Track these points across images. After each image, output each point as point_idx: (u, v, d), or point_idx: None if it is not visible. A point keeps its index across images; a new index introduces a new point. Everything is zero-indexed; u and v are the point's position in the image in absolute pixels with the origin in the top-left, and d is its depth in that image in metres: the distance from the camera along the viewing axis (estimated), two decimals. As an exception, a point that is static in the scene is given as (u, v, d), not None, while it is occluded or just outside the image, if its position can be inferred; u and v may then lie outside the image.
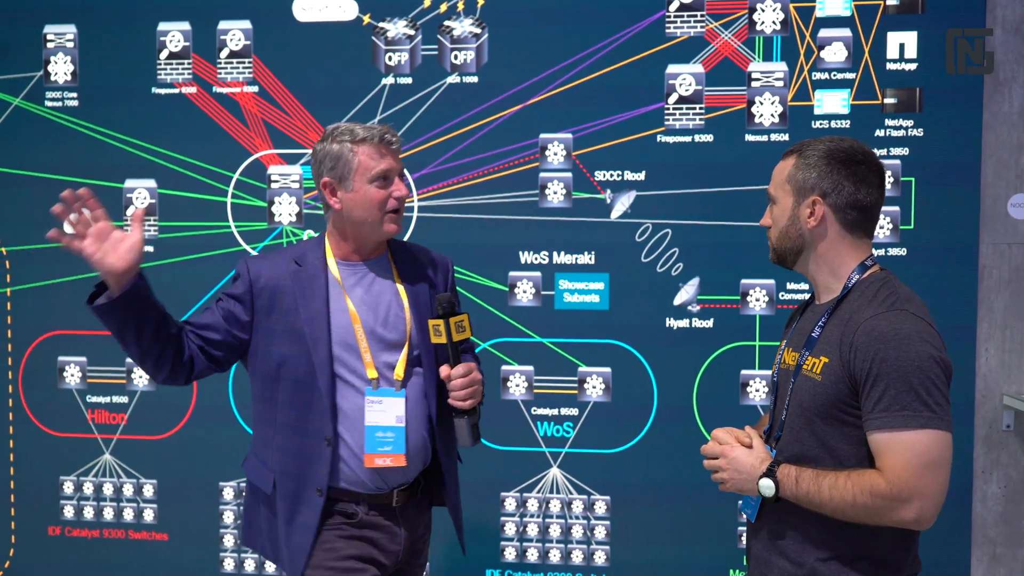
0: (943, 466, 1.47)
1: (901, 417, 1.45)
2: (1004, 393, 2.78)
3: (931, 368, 1.46)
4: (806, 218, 1.61)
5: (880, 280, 1.59)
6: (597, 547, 2.92)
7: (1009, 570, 2.82)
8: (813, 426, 1.58)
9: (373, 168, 1.90)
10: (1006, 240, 2.77)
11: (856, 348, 1.50)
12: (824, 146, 1.62)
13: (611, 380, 2.89)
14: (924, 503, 1.46)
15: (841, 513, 1.51)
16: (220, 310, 1.96)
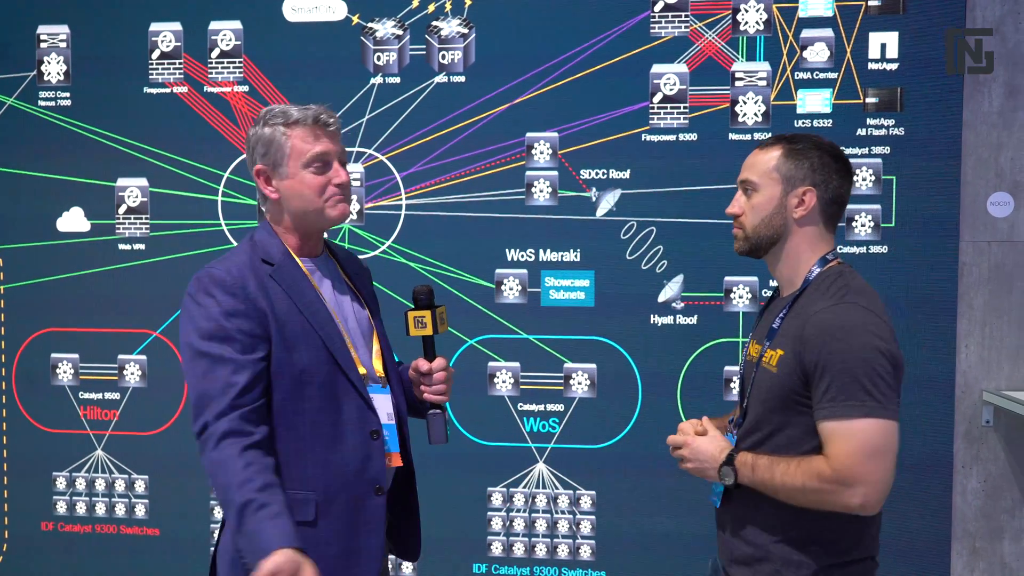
0: (887, 454, 1.51)
1: (846, 407, 1.49)
2: (984, 389, 2.82)
3: (876, 359, 1.50)
4: (794, 207, 1.64)
5: (836, 274, 1.63)
6: (583, 541, 2.96)
7: (988, 564, 2.85)
8: (772, 416, 1.62)
9: (307, 151, 1.72)
10: (986, 238, 2.80)
11: (806, 340, 1.55)
12: (811, 140, 1.67)
13: (596, 376, 2.92)
14: (868, 489, 1.50)
15: (793, 498, 1.56)
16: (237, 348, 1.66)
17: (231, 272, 1.68)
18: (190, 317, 1.68)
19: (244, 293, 1.67)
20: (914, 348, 2.77)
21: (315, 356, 1.72)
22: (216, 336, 1.65)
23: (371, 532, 1.76)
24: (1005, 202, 2.79)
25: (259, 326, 1.67)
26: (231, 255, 1.76)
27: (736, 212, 1.72)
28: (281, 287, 1.71)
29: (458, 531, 2.98)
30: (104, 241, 3.07)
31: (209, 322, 1.65)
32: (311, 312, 1.73)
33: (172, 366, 3.04)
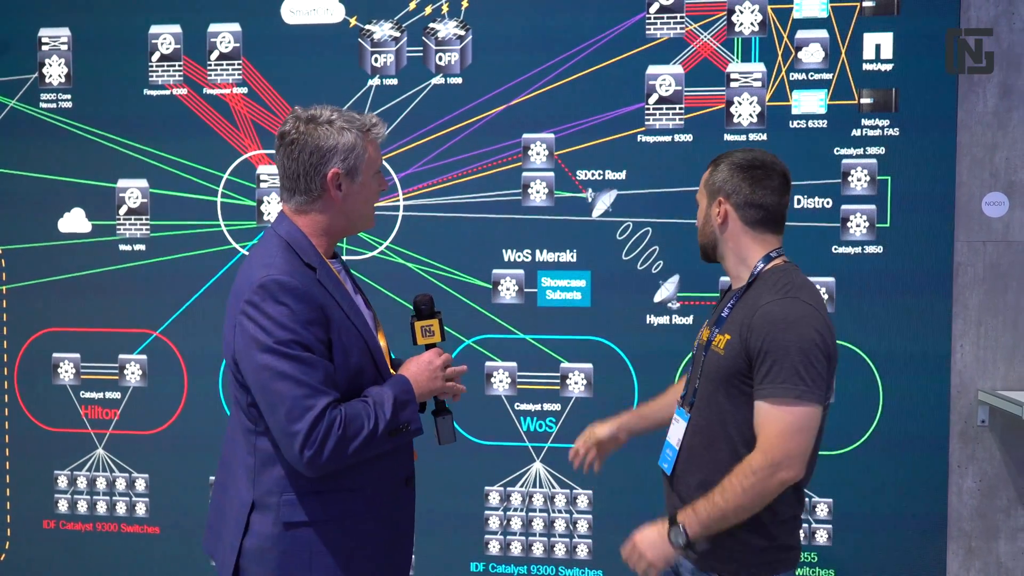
0: (808, 432, 1.70)
1: (782, 388, 1.68)
2: (979, 389, 2.82)
3: (811, 350, 1.69)
4: (715, 216, 1.87)
5: (781, 271, 1.82)
6: (579, 540, 2.97)
7: (984, 563, 2.85)
8: (717, 394, 1.81)
9: (378, 162, 1.81)
10: (980, 238, 2.81)
11: (752, 328, 1.73)
12: (732, 156, 1.88)
13: (593, 376, 2.94)
14: (795, 461, 1.68)
15: (741, 507, 1.69)
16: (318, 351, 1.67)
17: (295, 278, 1.67)
18: (261, 327, 1.64)
19: (313, 301, 1.67)
20: (909, 348, 2.80)
21: (362, 358, 1.75)
22: (295, 342, 1.63)
23: (407, 520, 1.86)
24: (1000, 202, 2.80)
25: (326, 332, 1.68)
26: (275, 258, 1.70)
27: (697, 224, 1.98)
28: (328, 292, 1.72)
29: (455, 530, 3.00)
30: (105, 242, 3.10)
31: (285, 331, 1.63)
32: (353, 315, 1.75)
33: (173, 366, 3.08)
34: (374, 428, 1.67)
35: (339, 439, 1.62)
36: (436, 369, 1.81)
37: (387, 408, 1.69)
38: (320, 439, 1.61)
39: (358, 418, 1.65)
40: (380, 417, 1.67)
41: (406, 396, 1.73)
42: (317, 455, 1.61)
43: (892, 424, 2.82)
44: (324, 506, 1.71)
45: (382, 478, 1.78)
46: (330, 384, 1.66)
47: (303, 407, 1.61)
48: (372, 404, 1.69)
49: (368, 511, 1.75)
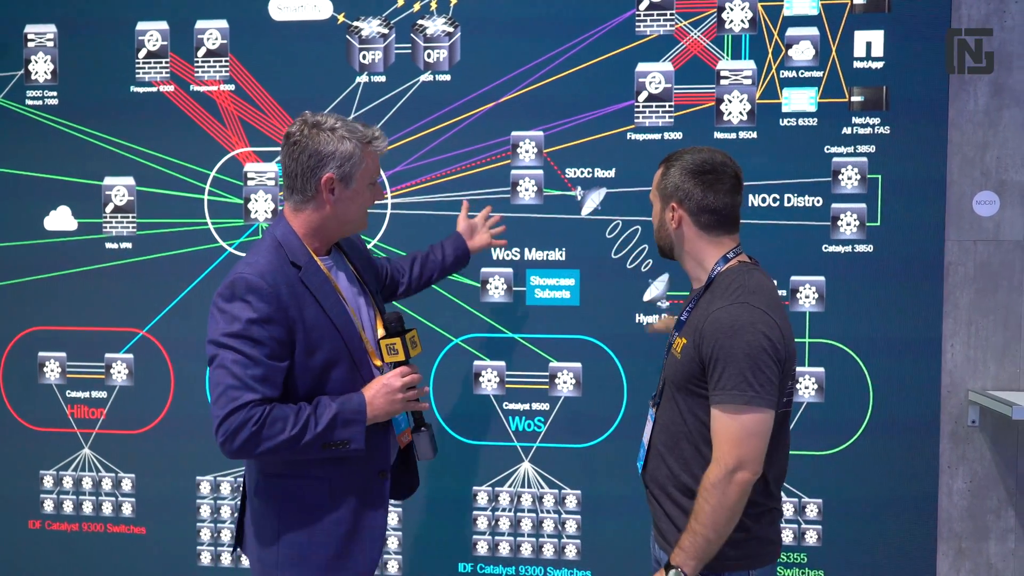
0: (760, 436, 1.71)
1: (731, 395, 1.69)
2: (969, 389, 2.81)
3: (759, 355, 1.69)
4: (669, 221, 1.87)
5: (735, 272, 1.81)
6: (568, 541, 2.95)
7: (975, 564, 2.84)
8: (676, 396, 1.83)
9: (375, 173, 1.94)
10: (971, 237, 2.79)
11: (704, 335, 1.74)
12: (682, 158, 1.86)
13: (582, 375, 2.92)
14: (748, 463, 1.69)
15: (719, 525, 1.70)
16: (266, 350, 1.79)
17: (265, 278, 1.80)
18: (219, 319, 1.79)
19: (278, 301, 1.80)
20: (900, 348, 2.78)
21: (335, 355, 1.87)
22: (246, 337, 1.77)
23: (377, 514, 1.94)
24: (991, 201, 2.79)
25: (287, 332, 1.81)
26: (259, 257, 1.85)
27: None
28: (309, 290, 1.85)
29: (443, 530, 2.98)
30: (91, 240, 3.08)
31: (237, 325, 1.77)
32: (335, 313, 1.88)
33: (159, 365, 3.06)
34: (295, 436, 1.77)
35: (251, 435, 1.75)
36: (394, 391, 1.89)
37: (321, 422, 1.80)
38: (233, 430, 1.75)
39: (279, 422, 1.77)
40: (309, 428, 1.79)
41: (353, 416, 1.83)
42: (228, 442, 1.76)
43: (882, 424, 2.81)
44: (290, 489, 1.89)
45: (351, 471, 1.89)
46: (267, 382, 1.78)
47: (228, 397, 1.75)
48: (306, 414, 1.80)
49: (331, 499, 1.88)
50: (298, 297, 1.83)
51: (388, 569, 3.02)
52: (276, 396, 1.80)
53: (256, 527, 1.93)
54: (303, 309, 1.83)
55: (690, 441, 1.80)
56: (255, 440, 1.75)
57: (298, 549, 1.89)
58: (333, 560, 1.89)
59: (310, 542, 1.89)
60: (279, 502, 1.90)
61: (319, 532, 1.89)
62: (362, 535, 1.92)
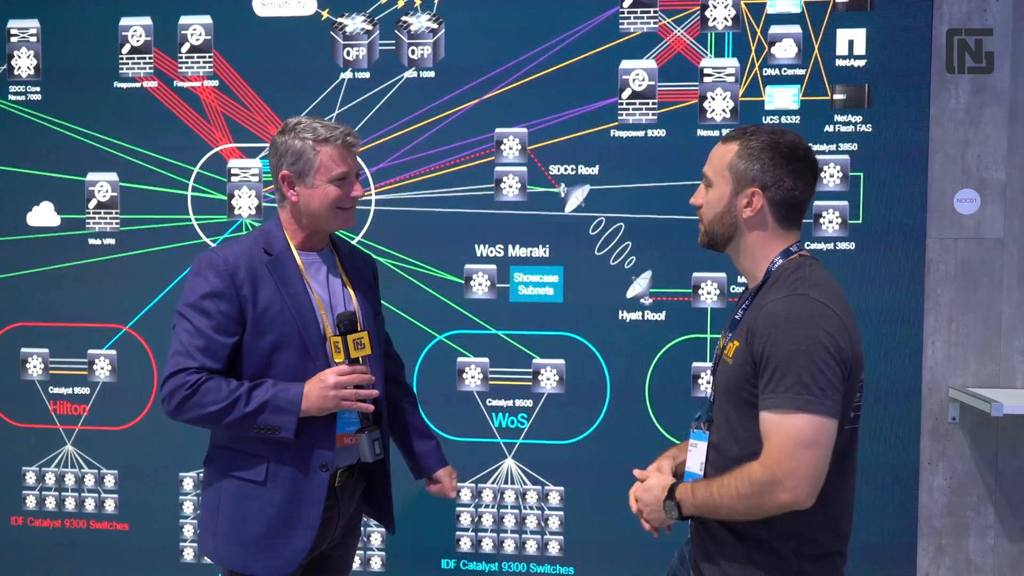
0: (817, 448, 1.49)
1: (784, 398, 1.49)
2: (950, 386, 2.83)
3: (818, 352, 1.49)
4: (742, 207, 1.64)
5: (796, 266, 1.63)
6: (551, 537, 2.96)
7: (954, 560, 2.86)
8: (727, 408, 1.64)
9: (334, 170, 1.98)
10: (952, 235, 2.81)
11: (755, 331, 1.56)
12: (768, 138, 1.64)
13: (565, 372, 2.93)
14: (798, 483, 1.49)
15: (734, 510, 1.57)
16: (212, 323, 1.92)
17: (226, 258, 1.96)
18: (184, 291, 1.98)
19: (232, 279, 1.94)
20: (880, 346, 2.80)
21: (284, 340, 1.96)
22: (199, 308, 1.93)
23: (312, 504, 1.98)
24: (972, 199, 2.81)
25: (237, 310, 1.94)
26: (237, 241, 2.05)
27: (696, 203, 1.74)
28: (272, 276, 1.97)
29: (426, 527, 2.99)
30: (74, 236, 3.08)
31: (193, 296, 1.95)
32: (293, 301, 1.97)
33: (142, 361, 3.06)
34: (223, 409, 1.89)
35: (183, 398, 1.89)
36: (327, 388, 1.93)
37: (252, 404, 1.90)
38: (171, 391, 1.91)
39: (212, 393, 1.89)
40: (238, 406, 1.89)
41: (286, 405, 1.91)
42: (165, 402, 1.93)
43: (864, 421, 2.79)
44: (232, 461, 2.00)
45: (290, 457, 1.96)
46: (208, 353, 1.92)
47: (173, 361, 1.92)
48: (240, 392, 1.90)
49: (267, 480, 1.97)
50: (257, 279, 1.96)
51: (371, 566, 3.02)
52: (218, 368, 1.93)
53: (204, 494, 2.07)
54: (258, 291, 1.95)
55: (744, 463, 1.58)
56: (187, 404, 1.90)
57: (231, 521, 1.99)
58: (262, 540, 1.97)
59: (243, 517, 1.98)
60: (221, 473, 2.02)
61: (252, 509, 1.98)
62: (293, 523, 1.97)
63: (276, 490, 1.97)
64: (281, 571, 1.98)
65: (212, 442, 2.07)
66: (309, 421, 1.96)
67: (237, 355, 1.97)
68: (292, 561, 1.98)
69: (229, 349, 1.95)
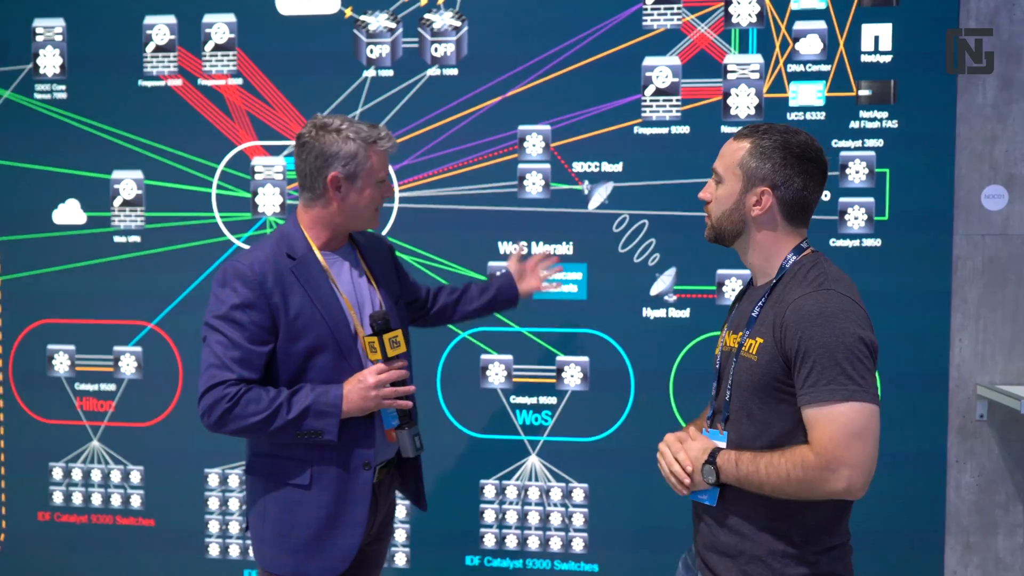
0: (869, 436, 1.52)
1: (828, 391, 1.51)
2: (977, 383, 2.82)
3: (855, 345, 1.52)
4: (751, 205, 1.66)
5: (811, 262, 1.65)
6: (575, 534, 2.97)
7: (982, 559, 2.85)
8: (751, 405, 1.64)
9: (380, 173, 2.01)
10: (980, 231, 2.80)
11: (786, 327, 1.56)
12: (780, 137, 1.65)
13: (589, 369, 2.94)
14: (852, 472, 1.51)
15: (779, 490, 1.56)
16: (246, 333, 1.92)
17: (253, 267, 1.94)
18: (212, 303, 1.96)
19: (261, 288, 1.93)
20: (908, 342, 2.79)
21: (319, 343, 1.97)
22: (230, 320, 1.91)
23: (357, 502, 2.00)
24: (999, 195, 2.79)
25: (269, 319, 1.93)
26: (258, 247, 2.01)
27: (704, 198, 1.76)
28: (299, 281, 1.96)
29: (451, 523, 3.01)
30: (100, 233, 3.11)
31: (223, 307, 1.93)
32: (323, 304, 1.97)
33: (168, 358, 3.09)
34: (267, 419, 1.88)
35: (225, 411, 1.88)
36: (368, 388, 1.94)
37: (294, 410, 1.90)
38: (210, 405, 1.89)
39: (253, 404, 1.89)
40: (280, 414, 1.89)
41: (327, 408, 1.92)
42: (205, 416, 1.91)
43: (891, 419, 2.76)
44: (275, 468, 2.00)
45: (333, 457, 1.98)
46: (245, 364, 1.91)
47: (210, 375, 1.90)
48: (280, 400, 1.90)
49: (312, 483, 1.98)
50: (285, 286, 1.95)
51: (396, 562, 3.04)
52: (255, 378, 1.92)
53: (250, 502, 2.07)
54: (288, 297, 1.94)
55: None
56: (228, 417, 1.89)
57: (280, 527, 2.00)
58: (312, 542, 1.99)
59: (292, 521, 1.99)
60: (266, 479, 2.02)
61: (300, 513, 1.99)
62: (341, 522, 1.99)
63: (322, 492, 1.98)
64: (334, 571, 2.00)
65: (252, 450, 2.07)
66: (349, 421, 1.97)
67: (272, 362, 1.97)
68: (344, 560, 2.00)
69: (264, 358, 1.94)
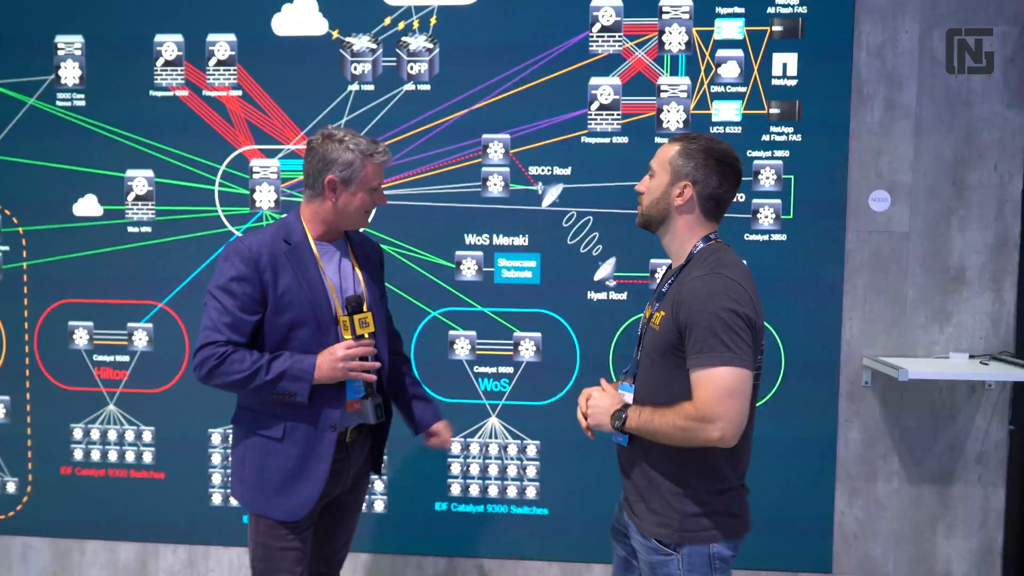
0: (740, 395, 1.75)
1: (707, 357, 1.75)
2: (863, 355, 3.21)
3: (732, 319, 1.75)
4: (675, 196, 1.91)
5: (712, 250, 1.90)
6: (529, 483, 3.35)
7: (865, 501, 3.28)
8: (655, 367, 1.90)
9: (373, 182, 2.23)
10: (867, 228, 3.20)
11: (680, 303, 1.82)
12: (705, 143, 1.92)
13: (541, 343, 3.29)
14: (725, 424, 1.75)
15: (669, 437, 1.82)
16: (238, 303, 2.13)
17: (251, 247, 2.17)
18: (215, 274, 2.19)
19: (255, 265, 2.15)
20: (807, 321, 3.17)
21: (301, 318, 2.18)
22: (226, 290, 2.15)
23: (321, 459, 2.23)
24: (884, 199, 3.20)
25: (260, 292, 2.16)
26: (262, 231, 2.25)
27: (640, 190, 2.01)
28: (291, 263, 2.19)
29: (422, 474, 3.36)
30: (115, 224, 3.39)
31: (222, 279, 2.17)
32: (309, 285, 2.19)
33: (175, 333, 3.40)
34: (247, 377, 2.12)
35: (212, 367, 2.13)
36: (336, 360, 2.16)
37: (272, 373, 2.13)
38: (201, 360, 2.15)
39: (237, 363, 2.12)
40: (259, 375, 2.13)
41: (301, 374, 2.14)
42: (196, 369, 2.16)
43: (792, 385, 3.20)
44: (255, 420, 2.24)
45: (304, 416, 2.20)
46: (234, 329, 2.14)
47: (204, 335, 2.16)
48: (261, 363, 2.13)
49: (284, 437, 2.21)
50: (277, 266, 2.16)
51: (375, 508, 3.40)
52: (243, 342, 2.16)
53: (233, 447, 2.31)
54: (278, 276, 2.16)
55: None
56: (215, 372, 2.13)
57: (256, 472, 2.22)
58: (279, 488, 2.20)
59: (264, 467, 2.21)
60: (246, 429, 2.25)
61: (272, 461, 2.21)
62: (305, 475, 2.19)
63: (292, 446, 2.19)
64: (294, 515, 2.22)
65: (238, 403, 2.30)
66: (320, 388, 2.16)
67: (259, 331, 2.19)
68: (304, 507, 2.22)
69: (252, 326, 2.15)
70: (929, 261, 3.21)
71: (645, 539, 1.94)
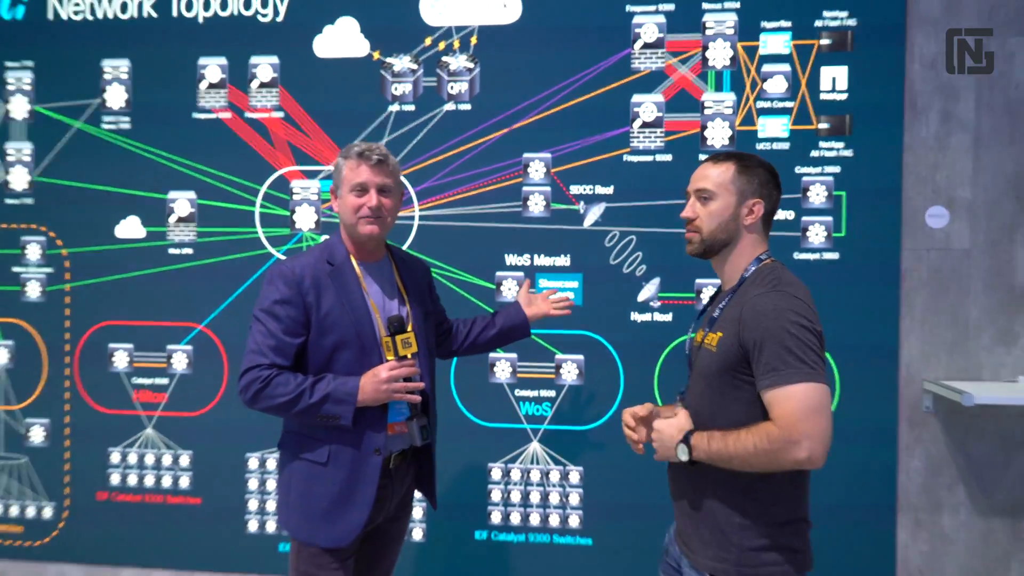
0: (823, 411, 1.68)
1: (784, 375, 1.68)
2: (924, 379, 3.12)
3: (803, 334, 1.70)
4: (745, 216, 1.89)
5: (769, 269, 1.87)
6: (571, 511, 3.28)
7: (930, 534, 3.16)
8: (708, 389, 1.84)
9: (351, 180, 2.20)
10: (924, 246, 3.13)
11: (744, 322, 1.76)
12: (756, 159, 1.94)
13: (584, 366, 3.26)
14: (813, 443, 1.66)
15: (748, 463, 1.72)
16: (282, 326, 2.14)
17: (294, 269, 2.19)
18: (260, 297, 2.20)
19: (298, 288, 2.17)
20: (863, 343, 3.07)
21: (344, 340, 2.18)
22: (271, 313, 2.17)
23: (367, 483, 2.20)
24: (941, 215, 3.12)
25: (303, 314, 2.17)
26: (306, 253, 2.27)
27: (691, 216, 1.95)
28: (334, 284, 2.19)
29: (462, 501, 3.31)
30: (157, 246, 3.44)
31: (267, 302, 2.19)
32: (352, 306, 2.19)
33: (215, 355, 3.42)
34: (291, 400, 2.12)
35: (257, 390, 2.13)
36: (380, 382, 2.15)
37: (315, 396, 2.12)
38: (246, 384, 2.15)
39: (282, 387, 2.12)
40: (303, 398, 2.12)
41: (345, 397, 2.13)
42: (242, 393, 2.16)
43: (848, 411, 3.09)
44: (300, 444, 2.23)
45: (348, 440, 2.19)
46: (279, 352, 2.15)
47: (249, 358, 2.16)
48: (305, 386, 2.12)
49: (329, 461, 2.19)
50: (320, 288, 2.18)
51: (413, 536, 3.36)
52: (287, 364, 2.16)
53: (279, 473, 2.30)
54: (321, 298, 2.17)
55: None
56: (260, 395, 2.13)
57: (301, 497, 2.20)
58: (325, 514, 2.18)
59: (310, 492, 2.19)
60: (291, 455, 2.24)
61: (317, 486, 2.18)
62: (352, 500, 2.17)
63: (337, 471, 2.17)
64: (340, 542, 2.18)
65: (284, 427, 2.28)
66: (364, 410, 2.15)
67: (303, 353, 2.19)
68: (350, 533, 2.18)
69: (296, 348, 2.16)
70: (992, 279, 3.11)
71: (699, 574, 1.86)
